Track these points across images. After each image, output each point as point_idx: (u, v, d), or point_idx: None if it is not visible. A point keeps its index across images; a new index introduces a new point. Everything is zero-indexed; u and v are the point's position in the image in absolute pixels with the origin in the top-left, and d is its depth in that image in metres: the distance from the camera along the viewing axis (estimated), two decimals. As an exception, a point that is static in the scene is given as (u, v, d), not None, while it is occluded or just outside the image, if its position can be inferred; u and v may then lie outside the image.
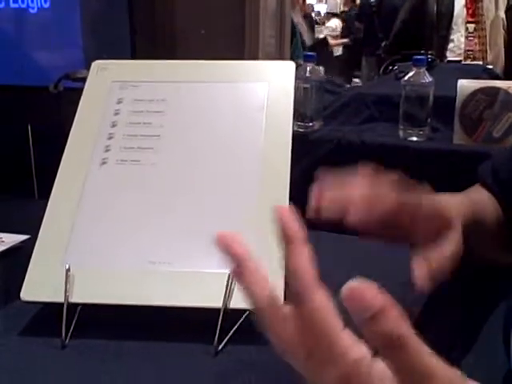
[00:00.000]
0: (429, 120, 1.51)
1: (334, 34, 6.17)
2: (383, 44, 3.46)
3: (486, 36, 3.17)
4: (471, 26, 3.20)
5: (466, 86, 1.45)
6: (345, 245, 0.85)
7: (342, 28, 6.16)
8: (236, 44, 1.62)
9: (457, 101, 1.45)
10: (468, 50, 3.18)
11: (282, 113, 0.68)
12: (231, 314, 0.58)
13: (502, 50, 3.15)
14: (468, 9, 3.22)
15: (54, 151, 0.71)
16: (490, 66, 1.92)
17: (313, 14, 6.74)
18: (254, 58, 1.64)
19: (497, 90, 1.41)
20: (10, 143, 1.28)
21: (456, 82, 1.48)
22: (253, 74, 0.73)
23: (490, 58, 3.14)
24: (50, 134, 0.88)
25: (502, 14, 3.15)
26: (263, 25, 1.68)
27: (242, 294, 0.34)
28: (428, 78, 1.51)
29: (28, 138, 1.25)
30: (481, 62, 3.02)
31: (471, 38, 3.19)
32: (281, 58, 1.78)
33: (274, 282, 0.58)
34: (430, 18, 3.02)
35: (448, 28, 3.14)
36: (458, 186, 0.75)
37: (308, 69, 1.60)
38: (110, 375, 0.53)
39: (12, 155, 1.29)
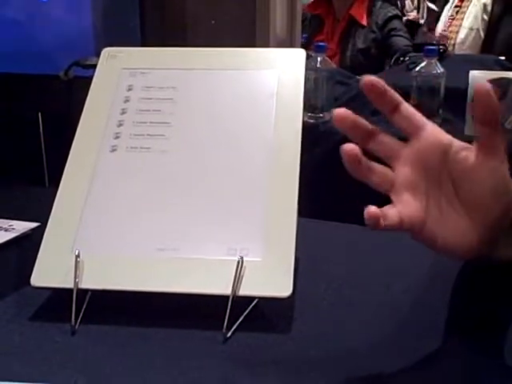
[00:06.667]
0: (440, 111, 1.51)
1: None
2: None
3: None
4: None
5: (477, 76, 1.44)
6: (351, 234, 0.85)
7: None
8: (247, 33, 1.62)
9: (468, 92, 1.45)
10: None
11: (293, 100, 0.68)
12: (240, 302, 0.58)
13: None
14: None
15: (65, 139, 0.71)
16: (503, 58, 1.90)
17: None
18: (265, 47, 1.64)
19: (509, 81, 1.40)
20: (20, 131, 1.29)
21: (468, 73, 1.47)
22: (263, 61, 0.72)
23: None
24: (61, 122, 0.88)
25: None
26: (274, 15, 1.67)
27: None
28: (439, 69, 1.50)
29: (38, 125, 1.25)
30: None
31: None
32: (292, 47, 1.78)
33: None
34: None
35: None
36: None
37: (319, 59, 1.60)
38: (119, 361, 0.54)
39: (23, 143, 1.29)
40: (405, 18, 3.86)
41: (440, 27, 3.37)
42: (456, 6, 3.27)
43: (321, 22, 2.89)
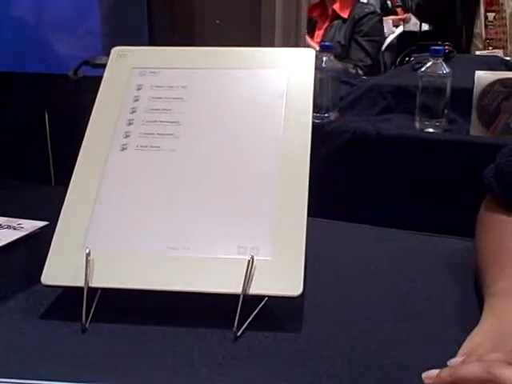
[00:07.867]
0: (446, 111, 1.51)
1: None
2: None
3: (506, 25, 3.16)
4: (491, 15, 3.19)
5: (483, 77, 1.44)
6: (358, 234, 0.85)
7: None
8: (252, 33, 1.62)
9: (474, 92, 1.44)
10: (488, 39, 3.19)
11: (302, 100, 0.68)
12: (250, 300, 0.58)
13: None
14: None
15: (71, 138, 0.71)
16: (508, 58, 1.90)
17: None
18: (270, 46, 1.64)
19: (515, 81, 1.39)
20: (29, 131, 1.29)
21: (473, 73, 1.47)
22: (272, 60, 0.72)
23: (510, 48, 3.13)
24: (68, 121, 0.88)
25: None
26: (279, 15, 1.67)
27: None
28: (445, 69, 1.50)
29: (45, 124, 1.26)
30: (501, 51, 3.03)
31: (491, 27, 3.18)
32: (296, 47, 1.78)
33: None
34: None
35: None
36: (474, 178, 0.75)
37: (324, 59, 1.59)
38: (129, 359, 0.54)
39: (31, 143, 1.30)
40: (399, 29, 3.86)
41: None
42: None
43: (314, 24, 3.06)
